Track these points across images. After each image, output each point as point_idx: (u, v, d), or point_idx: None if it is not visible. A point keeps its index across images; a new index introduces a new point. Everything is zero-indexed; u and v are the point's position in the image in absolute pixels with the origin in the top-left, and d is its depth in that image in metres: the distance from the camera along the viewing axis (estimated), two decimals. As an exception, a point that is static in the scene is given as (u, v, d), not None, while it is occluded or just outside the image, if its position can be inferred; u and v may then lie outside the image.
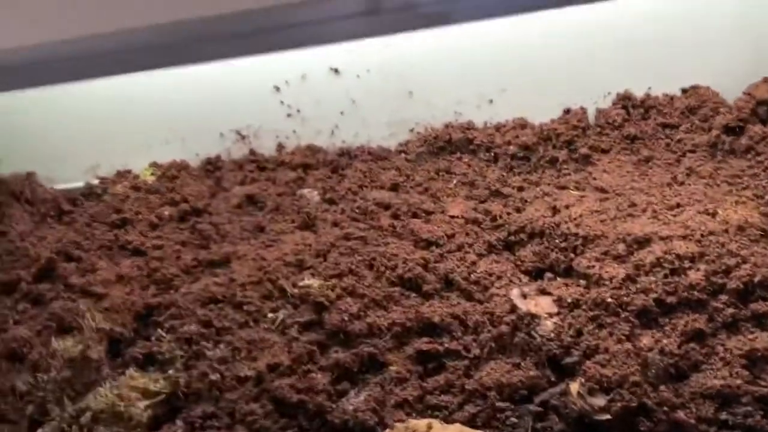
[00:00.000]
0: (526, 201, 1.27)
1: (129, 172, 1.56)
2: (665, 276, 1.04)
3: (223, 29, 0.60)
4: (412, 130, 1.45)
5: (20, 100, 1.54)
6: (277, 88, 1.44)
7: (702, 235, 1.08)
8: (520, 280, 1.14)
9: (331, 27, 0.58)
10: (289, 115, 1.47)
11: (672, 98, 1.36)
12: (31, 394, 1.13)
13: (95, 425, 1.04)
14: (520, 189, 1.31)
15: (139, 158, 1.56)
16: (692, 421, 0.91)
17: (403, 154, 1.44)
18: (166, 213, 1.42)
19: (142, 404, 1.05)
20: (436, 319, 1.07)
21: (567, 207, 1.22)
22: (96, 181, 1.56)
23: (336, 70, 1.41)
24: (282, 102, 1.46)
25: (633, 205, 1.18)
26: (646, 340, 0.99)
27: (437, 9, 0.54)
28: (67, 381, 1.11)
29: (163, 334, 1.14)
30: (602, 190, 1.25)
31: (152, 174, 1.54)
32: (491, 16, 0.57)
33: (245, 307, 1.16)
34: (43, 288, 1.31)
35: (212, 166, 1.53)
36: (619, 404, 0.93)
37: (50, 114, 1.55)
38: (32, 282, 1.33)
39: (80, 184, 1.56)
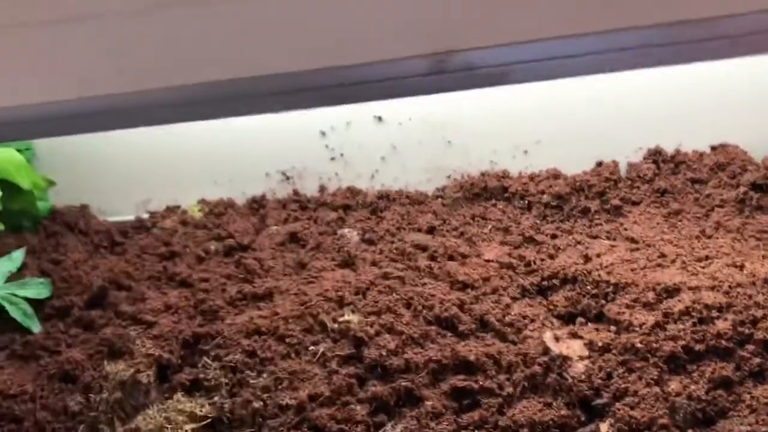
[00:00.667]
0: (558, 248, 1.32)
1: (178, 207, 1.65)
2: (693, 324, 1.08)
3: (294, 84, 0.67)
4: (449, 177, 1.52)
5: (76, 136, 1.64)
6: (323, 133, 1.53)
7: (730, 287, 1.12)
8: (553, 324, 1.18)
9: (399, 84, 0.65)
10: (332, 159, 1.55)
11: (701, 155, 1.41)
12: (83, 414, 1.19)
13: (144, 446, 1.10)
14: (553, 236, 1.36)
15: (188, 195, 1.64)
16: (719, 465, 0.94)
17: (439, 199, 1.51)
18: (213, 247, 1.50)
19: (189, 427, 1.11)
20: (472, 357, 1.12)
21: (598, 255, 1.27)
22: (146, 215, 1.64)
23: (379, 118, 1.49)
24: (327, 146, 1.54)
25: (662, 255, 1.23)
26: (674, 386, 1.03)
27: (496, 71, 0.60)
28: (117, 402, 1.17)
29: (209, 362, 1.20)
30: (633, 241, 1.30)
31: (200, 210, 1.62)
32: (546, 78, 0.63)
33: (287, 340, 1.21)
34: (95, 314, 1.38)
35: (257, 205, 1.61)
36: (647, 446, 0.96)
37: (106, 150, 1.65)
38: (84, 308, 1.40)
39: (131, 217, 1.65)
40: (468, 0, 0.60)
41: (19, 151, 1.53)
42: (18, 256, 1.46)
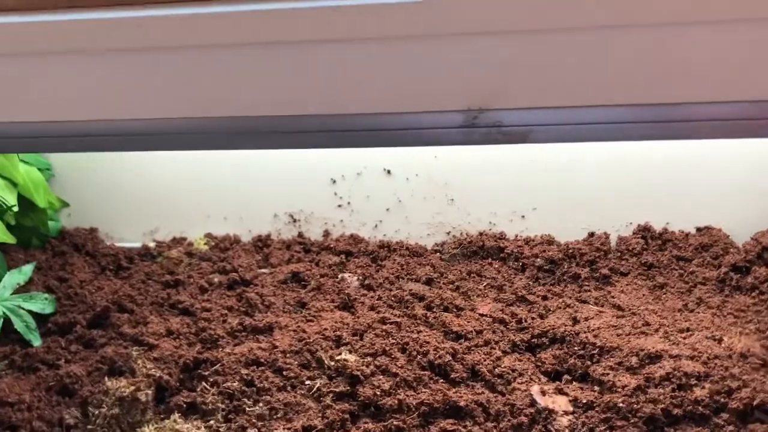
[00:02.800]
0: (549, 309, 1.39)
1: (184, 239, 1.70)
2: (673, 390, 1.14)
3: (332, 124, 0.75)
4: (448, 233, 1.60)
5: (92, 161, 1.71)
6: (334, 181, 1.60)
7: (708, 358, 1.19)
8: (540, 380, 1.24)
9: (431, 134, 0.73)
10: (339, 206, 1.62)
11: (687, 234, 1.50)
12: (78, 428, 1.22)
13: (138, 461, 1.13)
14: (544, 298, 1.43)
15: (196, 229, 1.70)
16: None
17: (438, 254, 1.58)
18: (216, 280, 1.55)
19: (184, 448, 1.14)
20: (462, 403, 1.17)
21: (586, 319, 1.34)
22: (153, 244, 1.70)
23: (389, 171, 1.57)
24: (335, 193, 1.61)
25: (647, 324, 1.30)
26: (652, 446, 1.08)
27: (520, 130, 0.68)
28: (115, 418, 1.20)
29: (207, 387, 1.24)
30: (619, 308, 1.37)
31: (206, 244, 1.68)
32: (564, 140, 0.71)
33: (285, 372, 1.26)
34: (96, 333, 1.42)
35: (262, 243, 1.67)
36: (625, 500, 1.01)
37: (118, 178, 1.71)
38: (86, 326, 1.44)
39: (138, 244, 1.70)
40: (501, 67, 0.68)
41: (39, 170, 1.59)
42: (28, 270, 1.51)
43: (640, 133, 0.72)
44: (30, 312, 1.43)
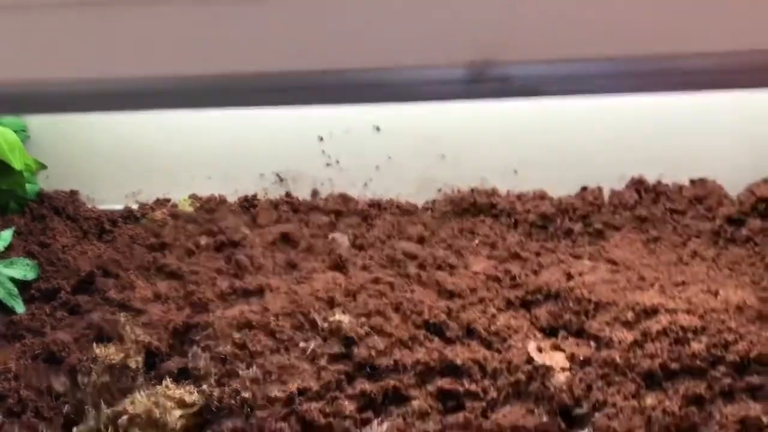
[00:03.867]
0: (542, 266, 1.38)
1: (168, 201, 1.66)
2: (670, 344, 1.14)
3: (328, 80, 0.71)
4: (439, 191, 1.57)
5: (69, 122, 1.65)
6: (321, 139, 1.56)
7: (704, 312, 1.18)
8: (535, 336, 1.23)
9: (436, 89, 0.69)
10: (328, 165, 1.59)
11: (681, 187, 1.49)
12: (68, 396, 1.20)
13: (131, 428, 1.11)
14: (538, 254, 1.41)
15: (180, 189, 1.66)
16: (690, 476, 0.99)
17: (429, 212, 1.56)
18: (203, 242, 1.52)
19: (177, 413, 1.12)
20: (458, 361, 1.15)
21: (581, 274, 1.32)
22: (136, 206, 1.65)
23: (378, 128, 1.53)
24: (323, 151, 1.57)
25: (642, 278, 1.29)
26: (650, 400, 1.08)
27: (529, 83, 0.65)
28: (105, 386, 1.17)
29: (199, 352, 1.22)
30: (613, 263, 1.36)
31: (191, 205, 1.64)
32: (577, 93, 0.68)
33: (278, 335, 1.24)
34: (82, 299, 1.39)
35: (248, 203, 1.63)
36: (624, 454, 1.01)
37: (98, 139, 1.66)
38: (71, 292, 1.40)
39: (120, 207, 1.66)
40: (509, 15, 0.64)
41: (14, 131, 1.53)
42: (6, 235, 1.46)
43: (657, 84, 0.68)
44: (11, 279, 1.39)
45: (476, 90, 0.67)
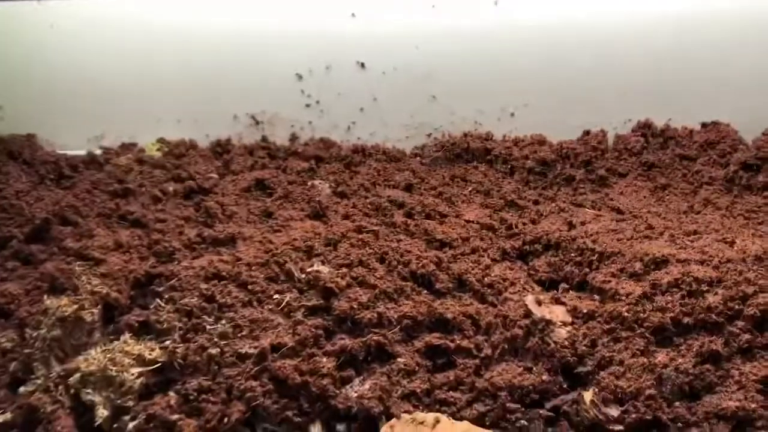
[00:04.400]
0: (541, 214, 1.27)
1: (134, 145, 1.53)
2: (682, 297, 1.03)
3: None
4: (429, 135, 1.45)
5: (25, 57, 1.51)
6: (300, 77, 1.43)
7: (720, 262, 1.08)
8: (534, 289, 1.12)
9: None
10: (307, 106, 1.46)
11: (691, 131, 1.38)
12: (15, 352, 1.07)
13: (83, 387, 0.99)
14: (536, 202, 1.30)
15: (147, 133, 1.53)
16: (706, 439, 0.89)
17: (418, 158, 1.44)
18: (171, 188, 1.39)
19: (135, 371, 1.00)
20: (449, 315, 1.04)
21: (583, 223, 1.22)
22: (99, 151, 1.52)
23: (362, 65, 1.40)
24: (302, 91, 1.44)
25: (650, 227, 1.19)
26: (661, 357, 0.98)
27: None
28: (56, 340, 1.05)
29: (162, 304, 1.10)
30: (618, 211, 1.25)
31: (158, 150, 1.51)
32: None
33: (250, 287, 1.12)
34: (36, 248, 1.26)
35: (221, 149, 1.50)
36: (633, 416, 0.91)
37: (59, 78, 1.52)
38: (24, 241, 1.28)
39: (82, 152, 1.52)
40: None
41: (-39, 66, 1.39)
42: (-48, 179, 1.33)
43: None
44: (-42, 226, 1.27)
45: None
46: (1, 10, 1.47)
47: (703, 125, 1.38)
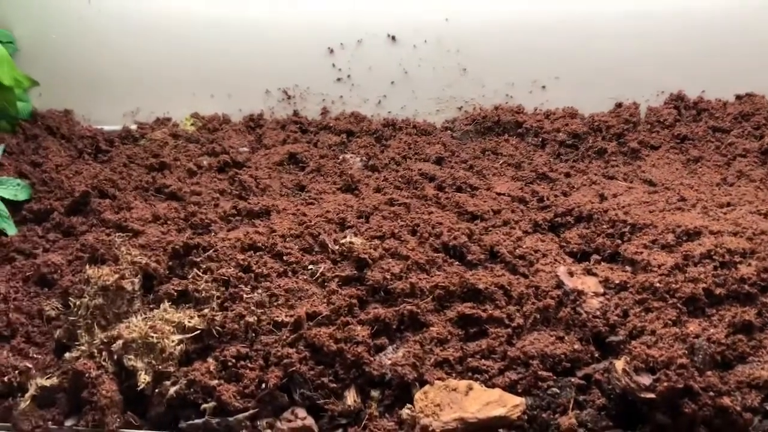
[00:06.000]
0: (573, 187, 1.27)
1: (169, 120, 1.55)
2: (715, 268, 1.03)
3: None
4: (460, 108, 1.45)
5: (61, 35, 1.53)
6: (331, 51, 1.44)
7: (753, 233, 1.07)
8: (565, 261, 1.13)
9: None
10: (338, 80, 1.47)
11: (725, 103, 1.36)
12: (60, 320, 1.11)
13: (126, 354, 1.02)
14: (567, 175, 1.30)
15: (181, 108, 1.55)
16: (737, 408, 0.90)
17: (449, 131, 1.44)
18: (205, 162, 1.41)
19: (176, 338, 1.03)
20: (481, 286, 1.06)
21: (615, 196, 1.22)
22: (134, 126, 1.55)
23: (393, 38, 1.41)
24: (333, 65, 1.45)
25: (682, 199, 1.18)
26: (693, 327, 0.98)
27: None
28: (98, 309, 1.08)
29: (200, 274, 1.12)
30: (651, 183, 1.25)
31: (192, 125, 1.53)
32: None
33: (285, 258, 1.14)
34: (76, 220, 1.30)
35: (254, 123, 1.52)
36: (664, 384, 0.91)
37: (95, 55, 1.54)
38: (65, 213, 1.31)
39: (117, 127, 1.55)
40: None
41: (1, 43, 1.42)
42: (-5, 153, 1.37)
43: None
44: (2, 199, 1.30)
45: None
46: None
47: (738, 97, 1.36)
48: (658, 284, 1.02)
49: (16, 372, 1.03)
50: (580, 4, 1.30)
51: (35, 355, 1.07)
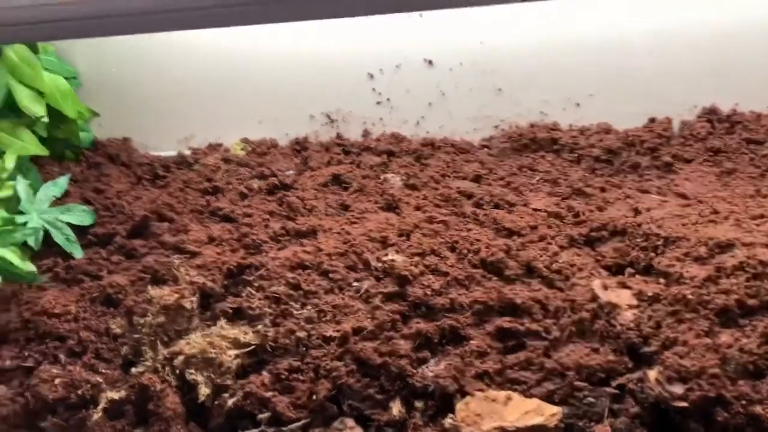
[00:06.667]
0: (607, 201, 1.31)
1: (220, 145, 1.64)
2: (747, 279, 1.06)
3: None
4: (496, 127, 1.50)
5: (118, 68, 1.63)
6: (371, 76, 1.51)
7: (786, 245, 1.10)
8: (600, 274, 1.17)
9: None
10: (378, 103, 1.53)
11: (759, 115, 1.38)
12: (126, 337, 1.20)
13: (187, 368, 1.10)
14: (603, 190, 1.34)
15: (231, 134, 1.64)
16: (770, 416, 0.93)
17: (485, 149, 1.49)
18: (255, 185, 1.49)
19: (232, 353, 1.11)
20: (518, 300, 1.11)
21: (648, 209, 1.25)
22: (188, 152, 1.64)
23: (430, 62, 1.47)
24: (374, 89, 1.52)
25: (715, 212, 1.21)
26: (725, 338, 1.01)
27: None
28: (161, 326, 1.17)
29: (253, 292, 1.20)
30: (684, 197, 1.28)
31: (242, 149, 1.62)
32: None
33: (331, 275, 1.21)
34: (137, 243, 1.39)
35: (300, 146, 1.60)
36: (697, 393, 0.95)
37: (149, 85, 1.64)
38: (127, 237, 1.40)
39: (173, 152, 1.65)
40: None
41: (65, 79, 1.53)
42: (63, 182, 1.47)
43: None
44: (69, 224, 1.40)
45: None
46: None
47: (771, 108, 1.39)
48: (690, 296, 1.06)
49: (88, 386, 1.12)
50: (611, 23, 1.34)
51: (104, 370, 1.16)
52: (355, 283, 1.19)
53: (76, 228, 1.41)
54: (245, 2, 0.68)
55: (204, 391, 1.08)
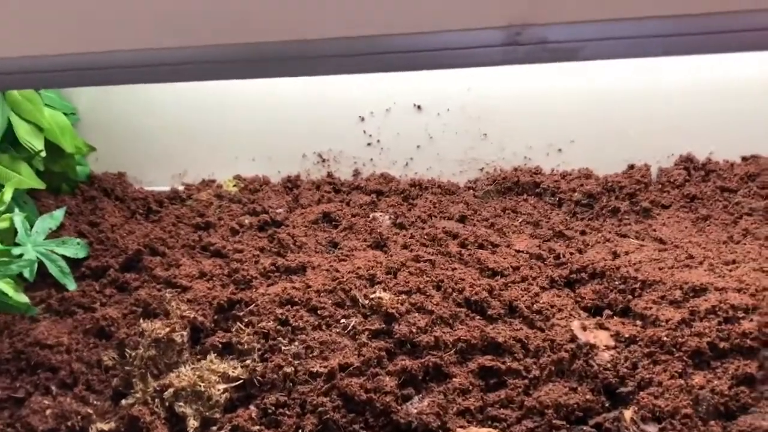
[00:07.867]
0: (587, 244, 1.35)
1: (213, 181, 1.68)
2: (719, 323, 1.11)
3: (360, 47, 0.70)
4: (482, 170, 1.55)
5: (116, 105, 1.68)
6: (362, 118, 1.56)
7: (756, 290, 1.14)
8: (580, 315, 1.21)
9: (471, 54, 0.68)
10: (369, 144, 1.58)
11: (732, 164, 1.44)
12: (116, 369, 1.22)
13: (176, 401, 1.13)
14: (583, 233, 1.39)
15: (224, 171, 1.68)
16: (739, 456, 0.96)
17: (471, 191, 1.54)
18: (247, 221, 1.53)
19: (221, 387, 1.14)
20: (500, 339, 1.14)
21: (627, 253, 1.30)
22: (181, 187, 1.68)
23: (419, 107, 1.52)
24: (364, 131, 1.57)
25: (690, 257, 1.26)
26: (698, 379, 1.05)
27: (568, 46, 0.63)
28: (151, 359, 1.20)
29: (242, 327, 1.23)
30: (661, 241, 1.33)
31: (235, 185, 1.66)
32: (616, 57, 0.65)
33: (319, 312, 1.24)
34: (130, 276, 1.42)
35: (291, 184, 1.64)
36: (670, 433, 0.99)
37: (144, 121, 1.69)
38: (120, 270, 1.44)
39: (166, 188, 1.68)
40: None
41: (65, 114, 1.57)
42: (58, 215, 1.50)
43: (701, 46, 0.66)
44: (63, 257, 1.43)
45: (513, 53, 0.65)
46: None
47: (744, 158, 1.45)
48: (665, 338, 1.10)
49: (79, 417, 1.14)
50: (593, 77, 1.40)
51: (95, 402, 1.19)
52: (343, 320, 1.23)
53: (70, 260, 1.44)
54: (245, 58, 0.73)
55: (192, 423, 1.11)
